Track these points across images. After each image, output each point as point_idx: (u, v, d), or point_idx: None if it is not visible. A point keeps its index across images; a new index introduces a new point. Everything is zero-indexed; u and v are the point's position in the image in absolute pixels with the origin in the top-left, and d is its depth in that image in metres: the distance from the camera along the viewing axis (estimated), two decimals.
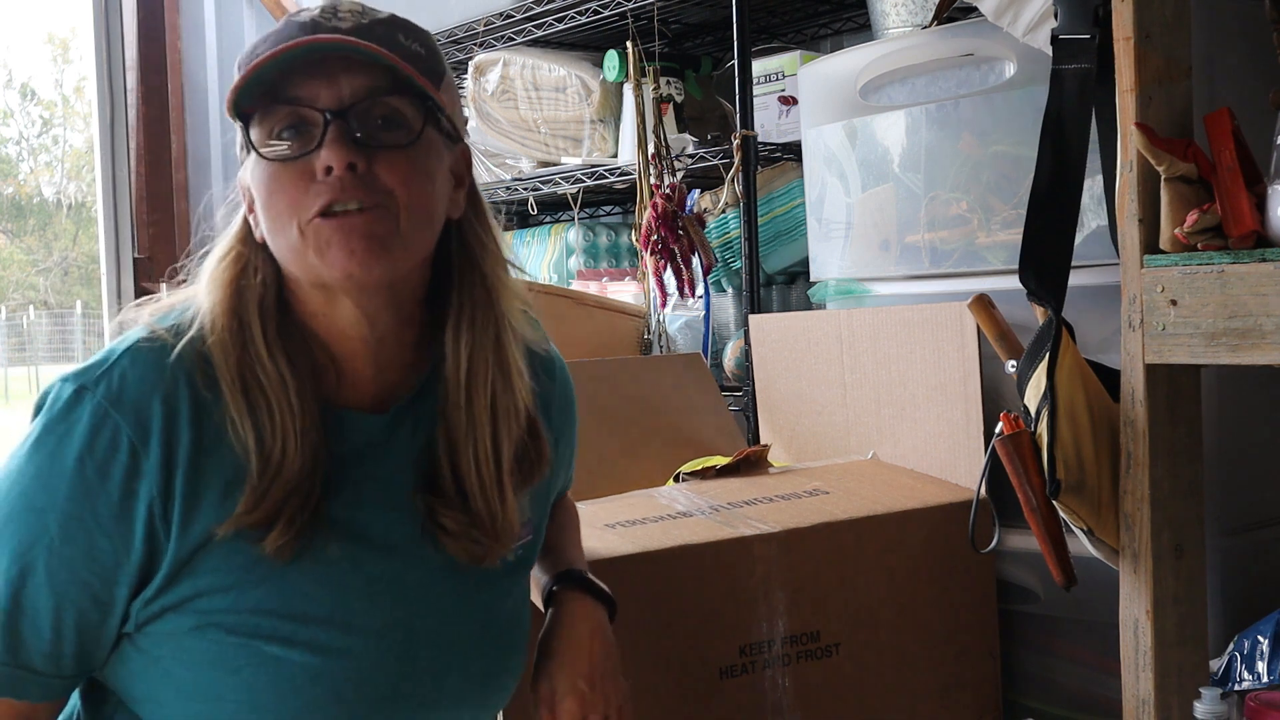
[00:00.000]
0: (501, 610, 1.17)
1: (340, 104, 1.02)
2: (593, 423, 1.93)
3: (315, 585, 1.04)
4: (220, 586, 1.02)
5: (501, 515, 1.11)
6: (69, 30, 4.51)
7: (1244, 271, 1.18)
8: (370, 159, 1.02)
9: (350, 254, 1.01)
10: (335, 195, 1.00)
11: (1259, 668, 1.30)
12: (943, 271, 1.83)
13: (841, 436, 1.95)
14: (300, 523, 1.02)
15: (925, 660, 1.66)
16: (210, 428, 1.02)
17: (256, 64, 1.00)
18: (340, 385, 1.10)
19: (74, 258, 4.59)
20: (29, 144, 4.71)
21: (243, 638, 1.03)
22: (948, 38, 1.79)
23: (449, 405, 1.10)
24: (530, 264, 3.24)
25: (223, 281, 1.06)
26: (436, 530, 1.10)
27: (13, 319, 4.48)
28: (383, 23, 1.06)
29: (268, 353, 1.04)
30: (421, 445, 1.11)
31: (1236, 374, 1.39)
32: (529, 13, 2.72)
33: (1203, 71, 1.37)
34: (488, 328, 1.11)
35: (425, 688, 1.10)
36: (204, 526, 1.01)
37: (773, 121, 2.53)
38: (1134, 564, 1.33)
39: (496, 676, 1.17)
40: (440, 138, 1.08)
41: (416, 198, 1.04)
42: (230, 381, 1.02)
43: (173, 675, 1.04)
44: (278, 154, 1.02)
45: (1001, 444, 1.36)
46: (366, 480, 1.09)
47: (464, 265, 1.11)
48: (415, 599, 1.10)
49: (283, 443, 1.02)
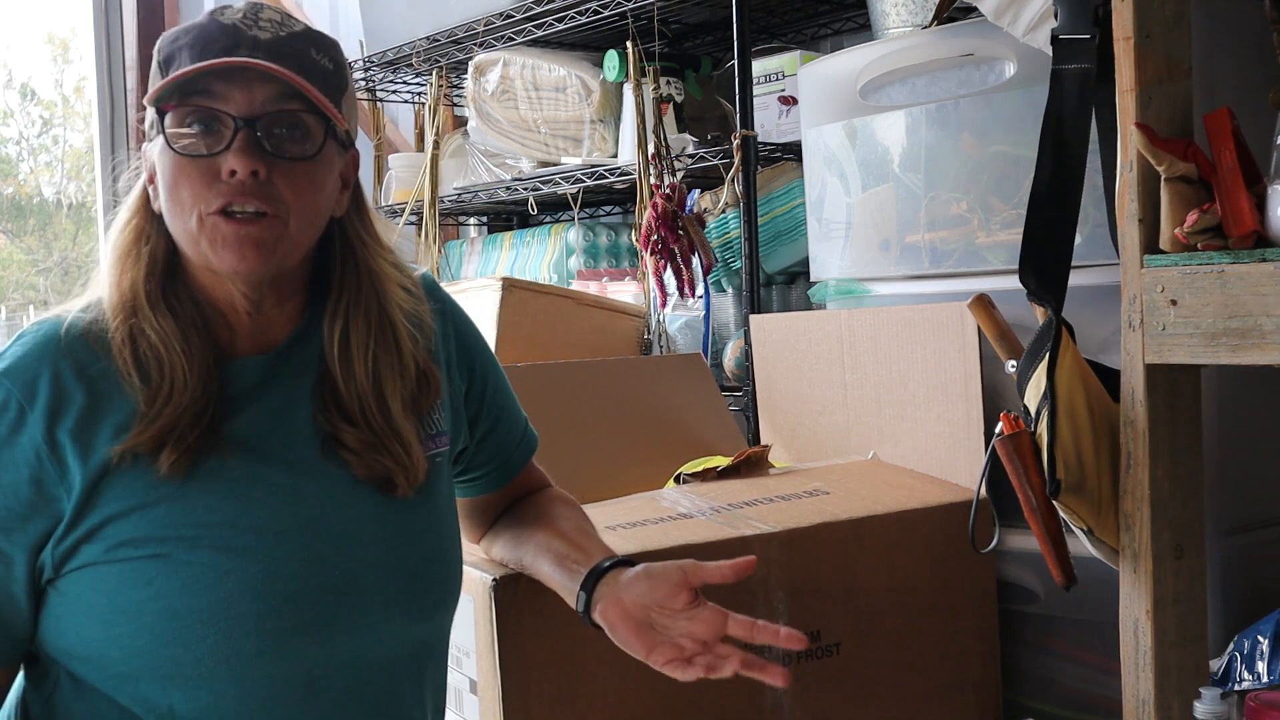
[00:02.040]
0: (414, 520, 1.21)
1: (251, 112, 1.10)
2: (593, 423, 1.93)
3: (216, 498, 1.12)
4: (125, 510, 1.09)
5: (396, 440, 1.19)
6: (69, 30, 4.50)
7: (1244, 271, 1.18)
8: (271, 168, 1.11)
9: (241, 257, 1.11)
10: (235, 198, 1.10)
11: (1259, 668, 1.30)
12: (943, 271, 1.83)
13: (842, 436, 1.95)
14: (190, 440, 1.10)
15: (925, 660, 1.66)
16: (102, 381, 1.11)
17: (180, 75, 1.09)
18: (232, 339, 1.18)
19: (74, 258, 4.59)
20: (29, 144, 4.71)
21: (150, 549, 1.09)
22: (948, 38, 1.79)
23: (330, 370, 1.19)
24: (530, 264, 3.23)
25: (120, 254, 1.16)
26: (336, 446, 1.17)
27: (13, 319, 4.48)
28: (299, 36, 1.14)
29: (153, 314, 1.13)
30: (311, 382, 1.19)
31: (1236, 374, 1.40)
32: (529, 13, 2.72)
33: (1203, 71, 1.37)
34: (368, 309, 1.20)
35: (339, 585, 1.14)
36: (100, 459, 1.09)
37: (773, 121, 2.53)
38: (1134, 564, 1.33)
39: (419, 582, 1.20)
40: (336, 146, 1.17)
41: (307, 207, 1.14)
42: (119, 345, 1.12)
43: (95, 607, 1.10)
44: (188, 149, 1.11)
45: (1001, 444, 1.36)
46: (261, 412, 1.17)
47: (345, 257, 1.22)
48: (316, 504, 1.16)
49: (170, 379, 1.11)
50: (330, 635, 1.13)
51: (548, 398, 1.39)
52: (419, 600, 1.20)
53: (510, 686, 1.39)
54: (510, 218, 3.71)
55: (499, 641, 1.38)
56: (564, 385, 1.93)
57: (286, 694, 1.12)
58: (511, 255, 3.31)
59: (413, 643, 1.21)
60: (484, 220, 3.80)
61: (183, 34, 1.14)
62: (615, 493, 1.73)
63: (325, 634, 1.13)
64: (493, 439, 1.37)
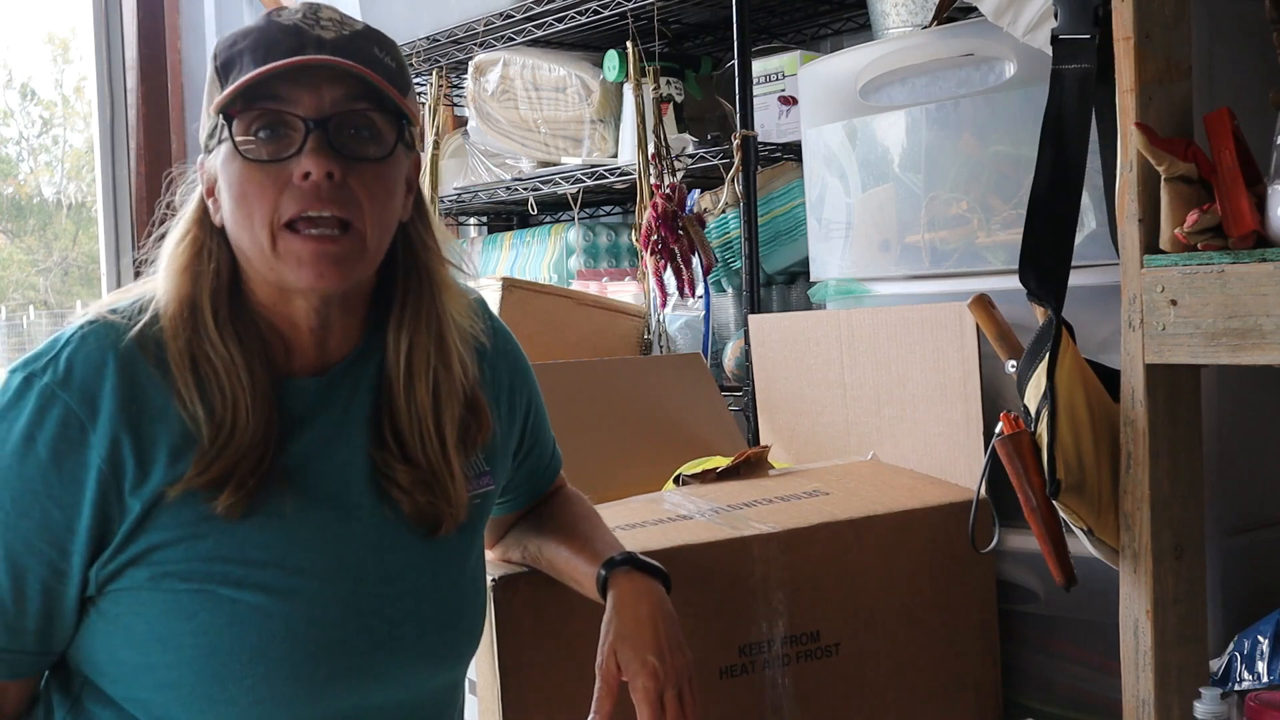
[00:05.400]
0: (452, 563, 1.20)
1: (321, 113, 1.06)
2: (593, 423, 1.93)
3: (263, 534, 1.09)
4: (173, 539, 1.06)
5: (448, 477, 1.16)
6: (69, 30, 4.51)
7: (1244, 271, 1.18)
8: (345, 169, 1.07)
9: (320, 274, 1.07)
10: (310, 204, 1.06)
11: (1259, 668, 1.30)
12: (943, 271, 1.83)
13: (841, 436, 1.95)
14: (250, 484, 1.07)
15: (925, 660, 1.66)
16: (159, 400, 1.07)
17: (249, 79, 1.05)
18: (288, 357, 1.15)
19: (74, 258, 4.58)
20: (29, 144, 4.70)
21: (196, 583, 1.07)
22: (948, 38, 1.79)
23: (392, 391, 1.16)
24: (530, 264, 3.24)
25: (178, 267, 1.11)
26: (388, 484, 1.14)
27: (13, 319, 4.48)
28: (361, 35, 1.10)
29: (219, 335, 1.09)
30: (367, 409, 1.16)
31: (1236, 374, 1.40)
32: (529, 13, 2.72)
33: (1203, 71, 1.37)
34: (430, 321, 1.17)
35: (378, 631, 1.13)
36: (155, 487, 1.06)
37: (773, 121, 2.52)
38: (1134, 564, 1.33)
39: (452, 630, 1.19)
40: (403, 149, 1.13)
41: (382, 212, 1.10)
42: (179, 363, 1.08)
43: (133, 632, 1.08)
44: (257, 155, 1.06)
45: (1001, 444, 1.36)
46: (314, 440, 1.13)
47: (409, 264, 1.18)
48: (361, 546, 1.13)
49: (233, 414, 1.07)
50: (363, 683, 1.12)
51: (548, 398, 1.39)
52: (450, 649, 1.20)
53: (510, 686, 1.39)
54: (510, 218, 3.71)
55: (499, 641, 1.38)
56: (564, 385, 1.93)
57: None
58: (511, 255, 3.31)
59: (438, 686, 1.21)
60: (484, 220, 3.80)
61: (241, 38, 1.09)
62: (615, 492, 1.73)
63: (359, 682, 1.12)
64: (528, 464, 1.36)
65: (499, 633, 1.38)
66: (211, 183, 1.11)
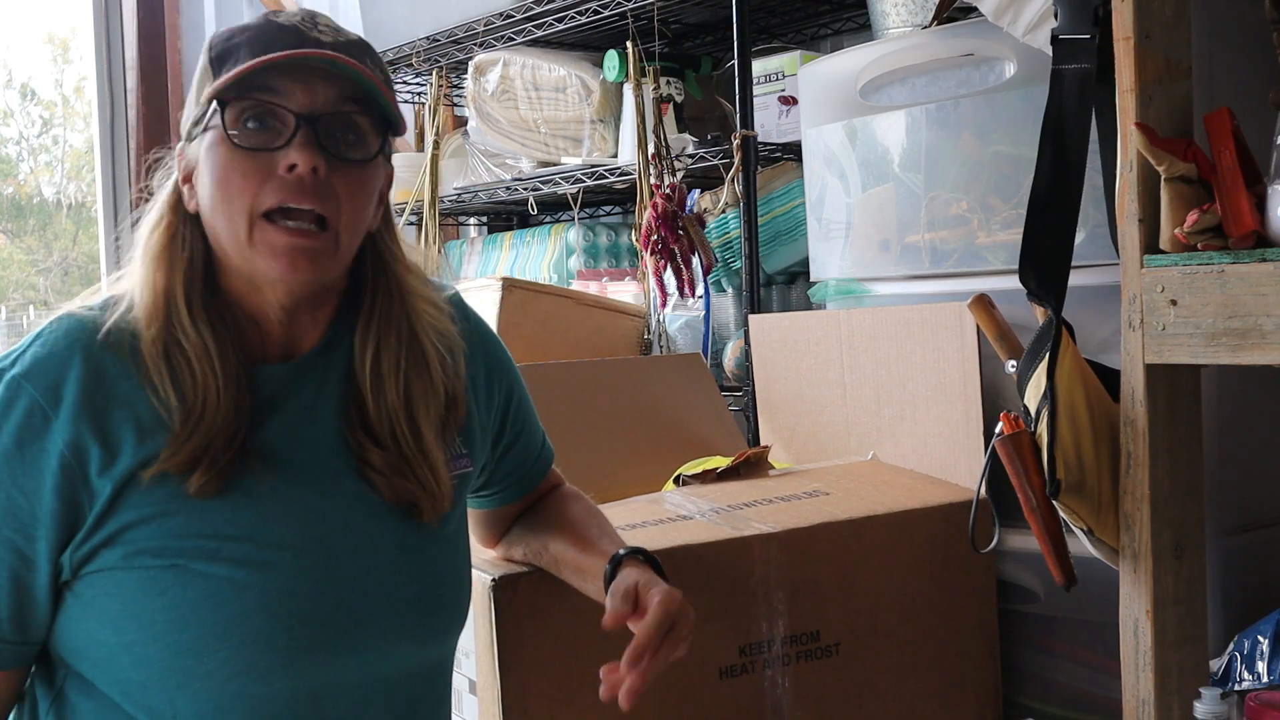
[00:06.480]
0: (429, 537, 1.20)
1: (313, 110, 1.09)
2: (593, 423, 1.93)
3: (237, 511, 1.10)
4: (145, 518, 1.08)
5: (426, 468, 1.17)
6: (69, 30, 4.51)
7: (1244, 271, 1.18)
8: (330, 167, 1.09)
9: (292, 267, 1.09)
10: (291, 196, 1.08)
11: (1259, 668, 1.30)
12: (943, 271, 1.83)
13: (841, 436, 1.95)
14: (222, 463, 1.09)
15: (925, 660, 1.66)
16: (127, 387, 1.09)
17: (247, 67, 1.07)
18: (264, 344, 1.17)
19: (74, 258, 4.58)
20: (29, 144, 4.71)
21: (168, 559, 1.08)
22: (948, 38, 1.79)
23: (360, 392, 1.18)
24: (530, 264, 3.24)
25: (154, 255, 1.14)
26: (364, 466, 1.16)
27: (13, 319, 4.48)
28: (355, 45, 1.14)
29: (192, 324, 1.11)
30: (338, 394, 1.18)
31: (1236, 374, 1.40)
32: (529, 13, 2.72)
33: (1203, 71, 1.37)
34: (399, 327, 1.19)
35: (352, 606, 1.13)
36: (125, 468, 1.08)
37: (773, 121, 2.53)
38: (1134, 564, 1.33)
39: (430, 604, 1.19)
40: (383, 159, 1.17)
41: (358, 215, 1.13)
42: (151, 351, 1.10)
43: (109, 612, 1.09)
44: (245, 143, 1.09)
45: (1001, 444, 1.36)
46: (286, 422, 1.15)
47: (376, 272, 1.20)
48: (335, 522, 1.14)
49: (204, 398, 1.10)
50: (339, 656, 1.13)
51: (548, 398, 1.39)
52: (429, 624, 1.20)
53: (510, 687, 1.39)
54: (510, 218, 3.71)
55: (498, 642, 1.38)
56: (564, 385, 1.93)
57: (291, 710, 1.12)
58: (511, 255, 3.31)
59: (419, 664, 1.21)
60: (484, 220, 3.80)
61: (238, 33, 1.12)
62: (615, 492, 1.73)
63: (334, 655, 1.13)
64: (513, 454, 1.37)
65: (499, 633, 1.38)
66: (189, 170, 1.14)
